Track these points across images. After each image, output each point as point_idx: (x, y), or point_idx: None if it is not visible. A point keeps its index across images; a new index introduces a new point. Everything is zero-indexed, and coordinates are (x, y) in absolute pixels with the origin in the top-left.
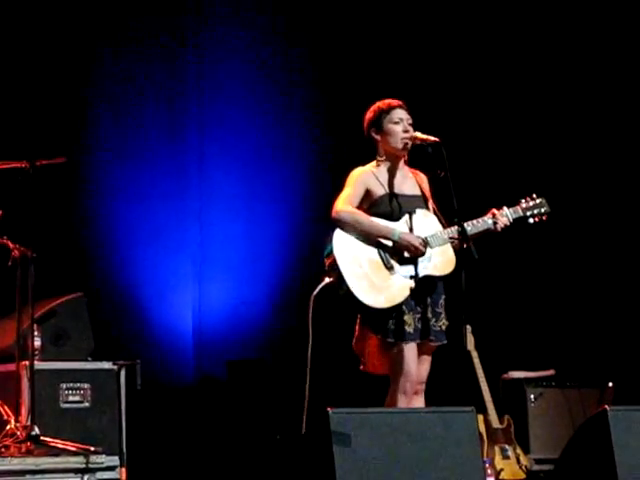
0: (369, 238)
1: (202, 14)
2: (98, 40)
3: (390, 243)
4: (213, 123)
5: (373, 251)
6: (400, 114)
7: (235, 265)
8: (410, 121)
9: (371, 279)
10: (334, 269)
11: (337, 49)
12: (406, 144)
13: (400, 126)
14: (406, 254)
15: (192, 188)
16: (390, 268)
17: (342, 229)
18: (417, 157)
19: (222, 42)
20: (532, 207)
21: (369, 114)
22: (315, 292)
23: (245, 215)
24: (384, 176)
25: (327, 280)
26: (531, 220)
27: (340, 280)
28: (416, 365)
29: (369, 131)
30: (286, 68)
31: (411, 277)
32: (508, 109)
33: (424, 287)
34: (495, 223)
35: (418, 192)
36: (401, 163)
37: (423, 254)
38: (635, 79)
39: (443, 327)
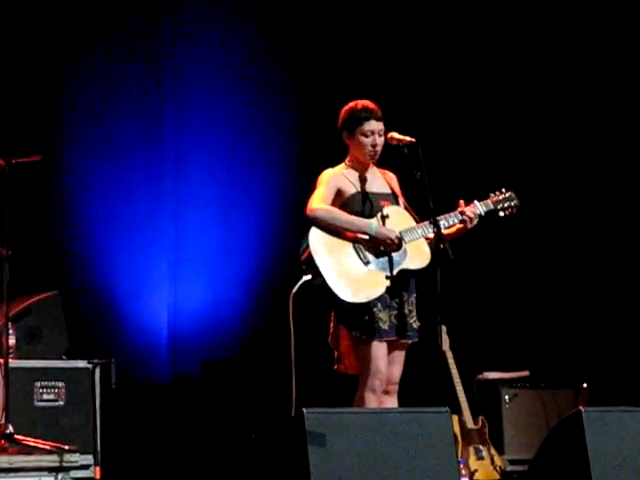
0: (345, 234)
1: (178, 13)
2: (74, 38)
3: (367, 237)
4: (190, 123)
5: (349, 247)
6: (372, 126)
7: (210, 265)
8: (382, 131)
9: (349, 275)
10: (311, 266)
11: (314, 52)
12: (374, 156)
13: (369, 139)
14: (382, 248)
15: (168, 188)
16: (367, 263)
17: (318, 226)
18: (393, 157)
19: (199, 43)
20: (502, 200)
21: (343, 114)
22: (294, 290)
23: (220, 215)
24: (354, 176)
25: (306, 278)
26: (502, 213)
27: (318, 277)
28: (385, 364)
29: (341, 130)
30: (263, 71)
31: (387, 276)
32: (482, 107)
33: (400, 282)
34: (464, 217)
35: (388, 190)
36: (370, 164)
37: (399, 248)
38: (602, 72)
39: (414, 325)
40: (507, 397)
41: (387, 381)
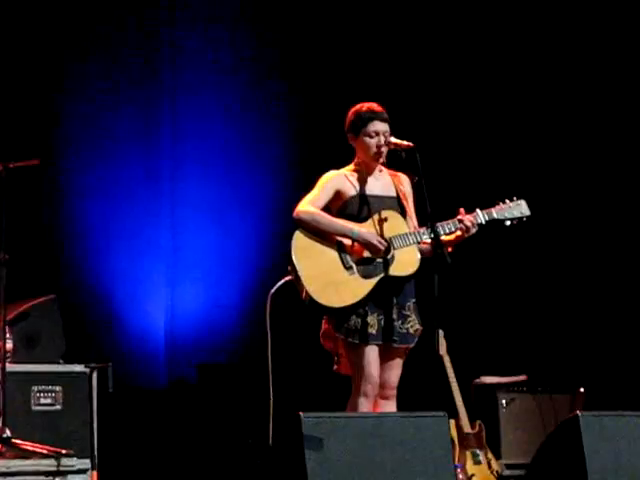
0: (329, 238)
1: (176, 17)
2: (71, 42)
3: (350, 242)
4: (186, 127)
5: (333, 251)
6: (377, 126)
7: (207, 269)
8: (388, 132)
9: (327, 278)
10: (293, 269)
11: (313, 53)
12: (379, 158)
13: (375, 140)
14: (366, 253)
15: (165, 192)
16: (349, 268)
17: (303, 229)
18: (391, 161)
19: (196, 47)
20: (509, 209)
21: (350, 116)
22: (273, 290)
23: (217, 219)
24: (357, 177)
25: (287, 278)
26: (508, 223)
27: (297, 279)
28: (377, 368)
29: (347, 132)
30: (260, 75)
31: (370, 278)
32: (485, 111)
33: (389, 288)
34: (462, 227)
35: (392, 193)
36: (377, 166)
37: (384, 253)
38: (606, 79)
39: (411, 330)
40: (504, 401)
41: (385, 386)
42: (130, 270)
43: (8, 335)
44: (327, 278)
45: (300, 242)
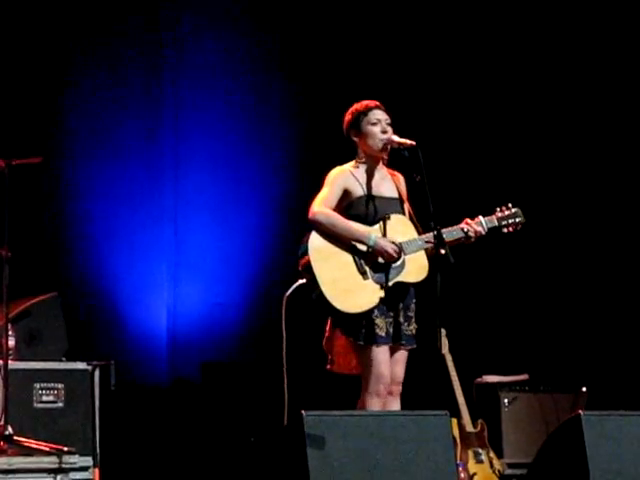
0: (344, 241)
1: (179, 18)
2: (75, 41)
3: (365, 248)
4: (189, 126)
5: (348, 255)
6: (378, 115)
7: (210, 267)
8: (388, 121)
9: (343, 283)
10: (308, 271)
11: (314, 52)
12: (385, 145)
13: (378, 127)
14: (380, 260)
15: (167, 190)
16: (363, 273)
17: (319, 231)
18: (394, 161)
19: (198, 44)
20: (507, 217)
21: (347, 116)
22: (288, 292)
23: (220, 217)
24: (363, 177)
25: (301, 281)
26: (505, 230)
27: (313, 282)
28: (388, 367)
29: (348, 133)
30: (263, 72)
31: (382, 285)
32: (487, 113)
33: (396, 292)
34: (468, 232)
35: (396, 194)
36: (380, 164)
37: (397, 260)
38: (605, 85)
39: (413, 331)
40: (506, 401)
41: (391, 381)
42: (133, 268)
43: (11, 332)
44: (343, 282)
45: (316, 244)
